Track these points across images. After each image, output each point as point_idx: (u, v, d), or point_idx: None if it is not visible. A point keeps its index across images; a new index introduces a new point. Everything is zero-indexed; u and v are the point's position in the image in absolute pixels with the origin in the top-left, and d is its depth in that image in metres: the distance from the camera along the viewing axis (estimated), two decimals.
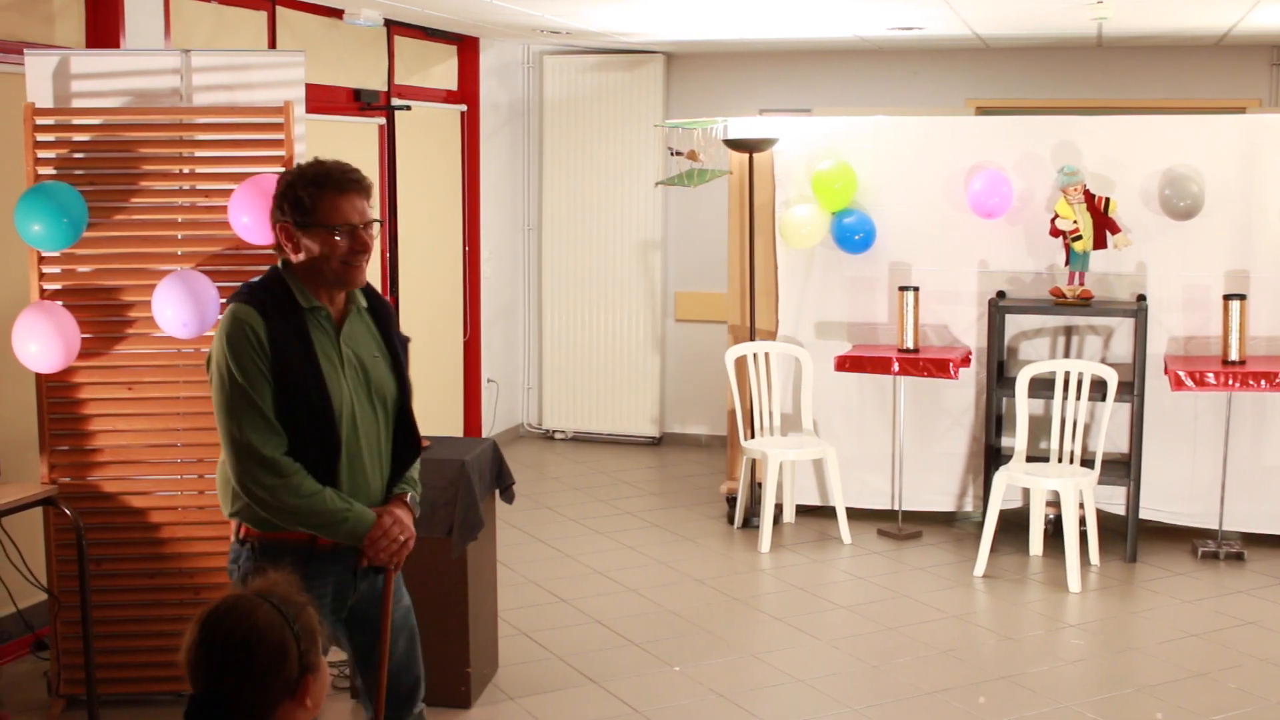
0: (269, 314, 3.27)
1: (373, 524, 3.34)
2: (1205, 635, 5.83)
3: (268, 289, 3.33)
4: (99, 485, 4.92)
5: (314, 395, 3.27)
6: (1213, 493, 6.93)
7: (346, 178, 3.33)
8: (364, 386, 3.39)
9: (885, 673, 5.42)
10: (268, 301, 3.29)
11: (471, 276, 9.14)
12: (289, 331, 3.27)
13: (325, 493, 3.28)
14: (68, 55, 5.05)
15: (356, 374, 3.38)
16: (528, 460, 9.12)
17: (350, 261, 3.33)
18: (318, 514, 3.27)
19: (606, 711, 5.02)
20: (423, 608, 4.86)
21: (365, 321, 3.47)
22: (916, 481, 7.43)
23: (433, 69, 8.69)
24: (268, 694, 2.16)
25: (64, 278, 4.90)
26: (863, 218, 7.28)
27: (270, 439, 3.23)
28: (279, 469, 3.23)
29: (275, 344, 3.24)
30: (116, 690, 4.92)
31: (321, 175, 3.31)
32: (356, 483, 3.37)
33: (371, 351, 3.44)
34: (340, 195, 3.30)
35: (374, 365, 3.43)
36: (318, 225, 3.29)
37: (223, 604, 2.20)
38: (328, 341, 3.34)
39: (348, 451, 3.33)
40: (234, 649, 2.15)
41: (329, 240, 3.29)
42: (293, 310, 3.31)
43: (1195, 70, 8.69)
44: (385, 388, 3.44)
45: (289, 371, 3.25)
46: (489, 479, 5.12)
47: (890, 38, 8.32)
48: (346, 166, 3.36)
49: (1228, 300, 6.58)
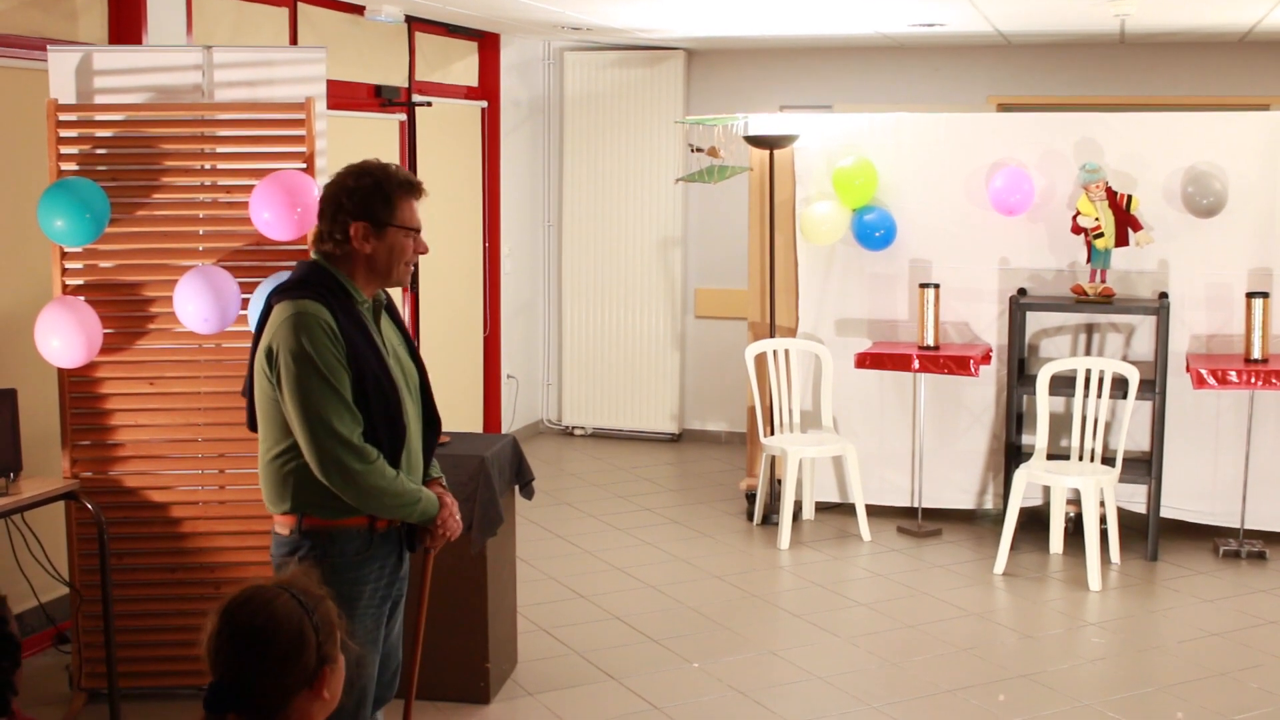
0: (333, 307, 3.34)
1: (439, 506, 3.50)
2: (1226, 634, 5.80)
3: (324, 284, 3.38)
4: (121, 480, 4.94)
5: (385, 383, 3.37)
6: (1235, 491, 6.90)
7: (419, 185, 3.47)
8: (404, 375, 3.50)
9: (904, 670, 5.41)
10: (328, 295, 3.35)
11: (492, 272, 9.16)
12: (352, 323, 3.36)
13: (400, 478, 3.39)
14: (90, 52, 5.08)
15: (398, 362, 3.49)
16: (547, 456, 9.13)
17: (413, 263, 3.49)
18: (399, 495, 3.37)
19: (625, 707, 5.02)
20: (442, 604, 4.88)
21: (385, 316, 3.57)
22: (936, 479, 7.41)
23: (453, 65, 8.70)
24: (284, 682, 2.17)
25: (86, 273, 4.92)
26: (883, 215, 7.27)
27: (354, 426, 3.31)
28: (365, 454, 3.31)
29: (345, 335, 3.32)
30: (137, 684, 4.94)
31: (405, 179, 3.44)
32: (412, 465, 3.49)
33: (397, 341, 3.56)
34: (416, 200, 3.46)
35: (403, 356, 3.55)
36: (397, 226, 3.39)
37: (243, 593, 2.22)
38: (376, 334, 3.45)
39: (405, 436, 3.45)
40: (252, 637, 2.17)
41: (403, 242, 3.42)
42: (350, 303, 3.39)
43: (1218, 67, 8.65)
44: (412, 375, 3.56)
45: (361, 360, 3.33)
46: (508, 475, 5.13)
47: (912, 34, 8.30)
48: (410, 173, 3.52)
49: (1250, 298, 6.55)
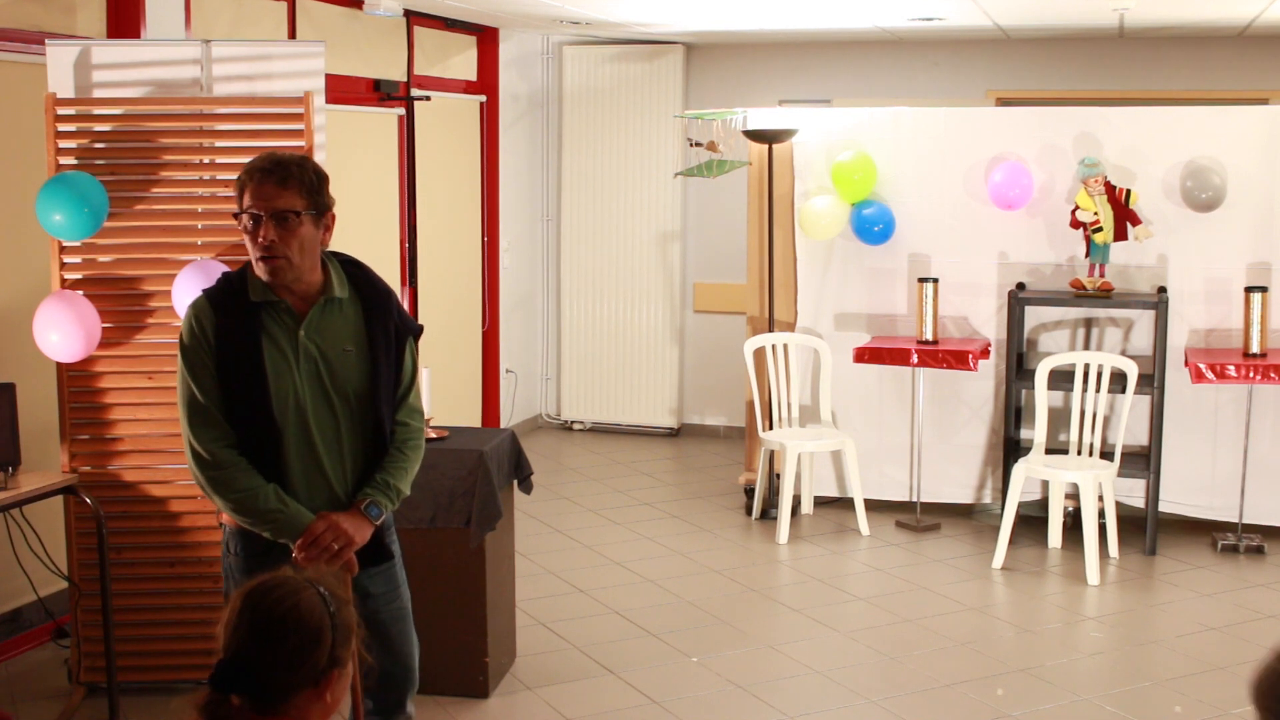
0: (221, 307, 3.30)
1: (305, 528, 3.29)
2: (1225, 629, 5.81)
3: (230, 282, 3.37)
4: (119, 474, 4.94)
5: (254, 388, 3.26)
6: (1233, 486, 6.90)
7: (257, 167, 3.38)
8: (319, 380, 3.33)
9: (903, 665, 5.41)
10: (225, 294, 3.33)
11: (490, 267, 9.15)
12: (239, 325, 3.29)
13: (262, 490, 3.27)
14: (89, 45, 5.07)
15: (315, 367, 3.32)
16: (546, 451, 9.13)
17: (263, 254, 3.31)
18: (249, 511, 3.27)
19: (624, 701, 5.02)
20: (441, 598, 4.89)
21: (344, 313, 3.40)
22: (935, 473, 7.41)
23: (452, 59, 8.69)
24: (292, 675, 2.17)
25: (85, 267, 4.92)
26: (882, 209, 7.27)
27: (208, 432, 3.27)
28: (215, 462, 3.26)
29: (222, 337, 3.27)
30: (136, 678, 4.94)
31: (250, 164, 3.37)
32: (311, 479, 3.34)
33: (342, 345, 3.36)
34: (260, 183, 3.34)
35: (340, 359, 3.35)
36: (241, 212, 3.34)
37: (272, 579, 2.22)
38: (282, 335, 3.32)
39: (298, 446, 3.31)
40: (273, 623, 2.16)
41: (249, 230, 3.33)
42: (247, 304, 3.31)
43: (1218, 61, 8.64)
44: (349, 382, 3.36)
45: (231, 364, 3.27)
46: (507, 469, 5.13)
47: (911, 28, 8.29)
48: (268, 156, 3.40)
49: (1249, 293, 6.55)
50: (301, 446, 3.32)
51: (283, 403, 3.29)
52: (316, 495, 3.34)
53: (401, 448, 3.46)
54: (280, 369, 3.29)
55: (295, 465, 3.31)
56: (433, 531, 4.89)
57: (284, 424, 3.29)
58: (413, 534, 4.89)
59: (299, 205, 3.28)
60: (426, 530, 4.88)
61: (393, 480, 3.42)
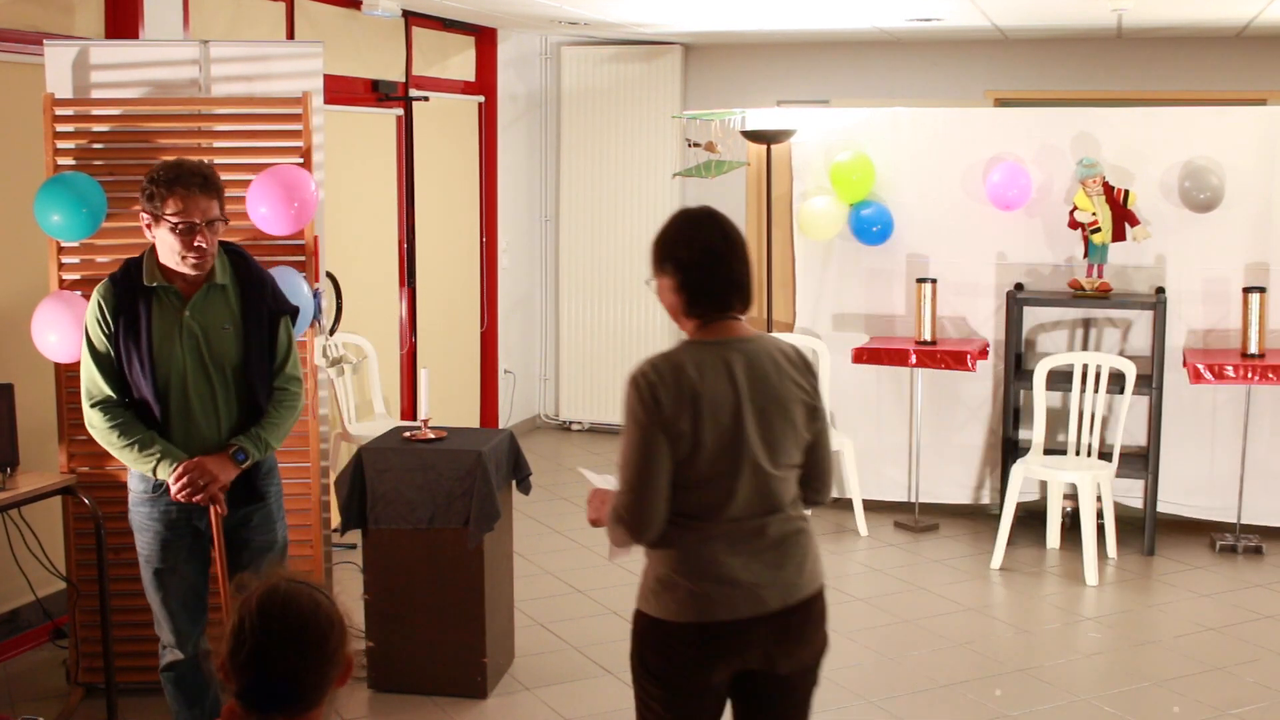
0: (119, 290, 3.87)
1: (176, 466, 3.85)
2: (1223, 629, 5.81)
3: (129, 267, 3.92)
4: (117, 475, 4.92)
5: (140, 358, 3.83)
6: (1231, 486, 6.90)
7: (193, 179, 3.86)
8: (199, 353, 3.88)
9: (901, 665, 5.41)
10: (125, 278, 3.89)
11: (489, 267, 9.15)
12: (131, 303, 3.85)
13: (143, 438, 3.84)
14: (87, 46, 5.07)
15: (196, 343, 3.88)
16: (544, 451, 9.13)
17: (192, 255, 3.85)
18: (127, 455, 3.86)
19: (622, 702, 5.01)
20: (439, 598, 4.89)
21: (225, 297, 3.94)
22: (933, 474, 7.41)
23: (450, 60, 8.69)
24: (333, 670, 2.21)
25: (83, 268, 4.91)
26: (881, 210, 7.27)
27: (98, 392, 3.87)
28: (102, 415, 3.85)
29: (118, 315, 3.85)
30: (135, 679, 4.92)
31: (176, 175, 3.82)
32: (190, 433, 3.90)
33: (221, 323, 3.92)
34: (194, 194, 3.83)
35: (219, 336, 3.91)
36: (165, 218, 3.81)
37: (276, 593, 2.19)
38: (170, 314, 3.88)
39: (175, 406, 3.88)
40: (305, 629, 2.16)
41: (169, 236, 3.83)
42: (141, 287, 3.87)
43: (1216, 62, 8.65)
44: (225, 356, 3.92)
45: (123, 338, 3.83)
46: (506, 470, 5.13)
47: (909, 29, 8.30)
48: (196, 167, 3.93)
49: (1247, 293, 6.55)
50: (181, 410, 3.89)
51: (165, 372, 3.86)
52: (192, 445, 3.90)
53: (277, 407, 4.02)
54: (163, 342, 3.86)
55: (176, 425, 3.89)
56: (431, 532, 4.89)
57: (166, 390, 3.87)
58: (412, 534, 4.90)
59: (221, 212, 3.89)
60: (425, 530, 4.88)
61: (264, 434, 3.98)
